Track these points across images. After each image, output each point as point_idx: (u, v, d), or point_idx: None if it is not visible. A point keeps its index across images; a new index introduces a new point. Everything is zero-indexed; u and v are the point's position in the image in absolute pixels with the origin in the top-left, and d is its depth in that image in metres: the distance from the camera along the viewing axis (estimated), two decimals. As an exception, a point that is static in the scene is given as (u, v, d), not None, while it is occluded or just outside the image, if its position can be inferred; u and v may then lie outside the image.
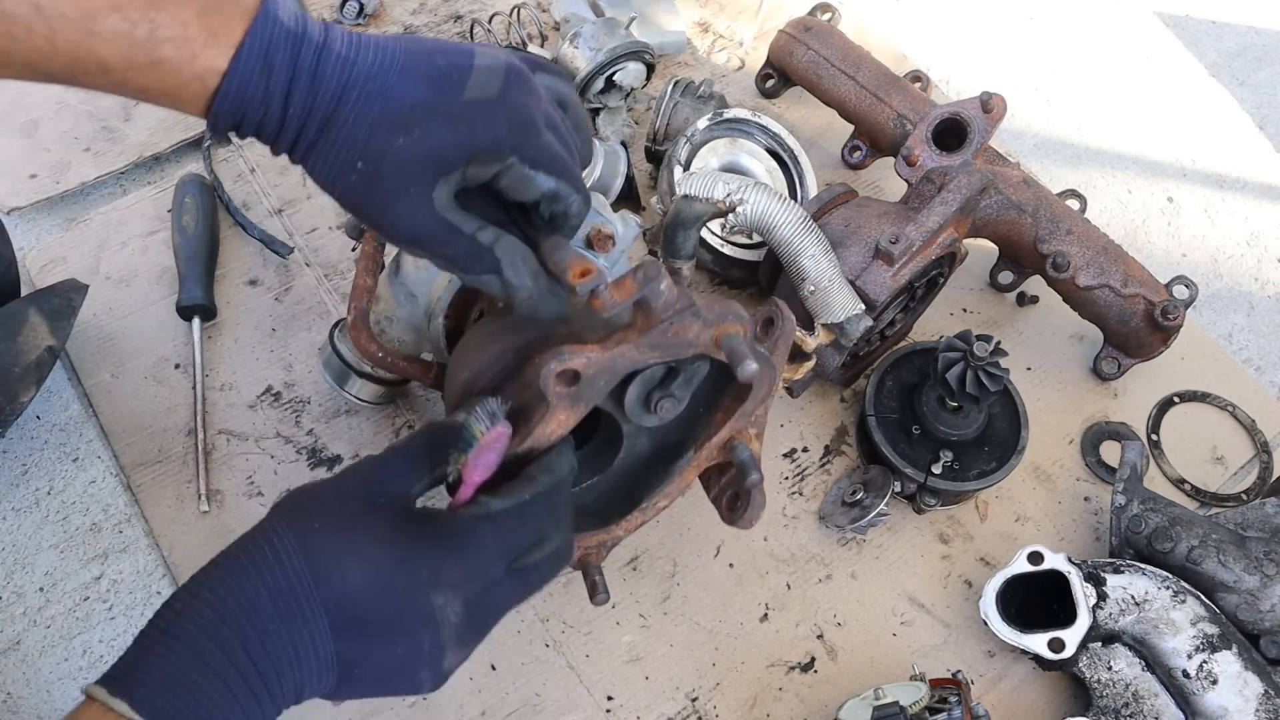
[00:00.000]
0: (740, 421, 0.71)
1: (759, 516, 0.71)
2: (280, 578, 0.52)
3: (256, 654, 0.51)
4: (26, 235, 1.04)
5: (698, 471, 0.73)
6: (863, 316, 0.88)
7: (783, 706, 0.85)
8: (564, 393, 0.63)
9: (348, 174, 0.57)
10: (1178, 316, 0.95)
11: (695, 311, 0.64)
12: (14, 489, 0.90)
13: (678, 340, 0.64)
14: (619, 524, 0.73)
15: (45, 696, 0.81)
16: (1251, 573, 0.84)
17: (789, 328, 0.71)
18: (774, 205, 0.85)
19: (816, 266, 0.86)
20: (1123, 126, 1.31)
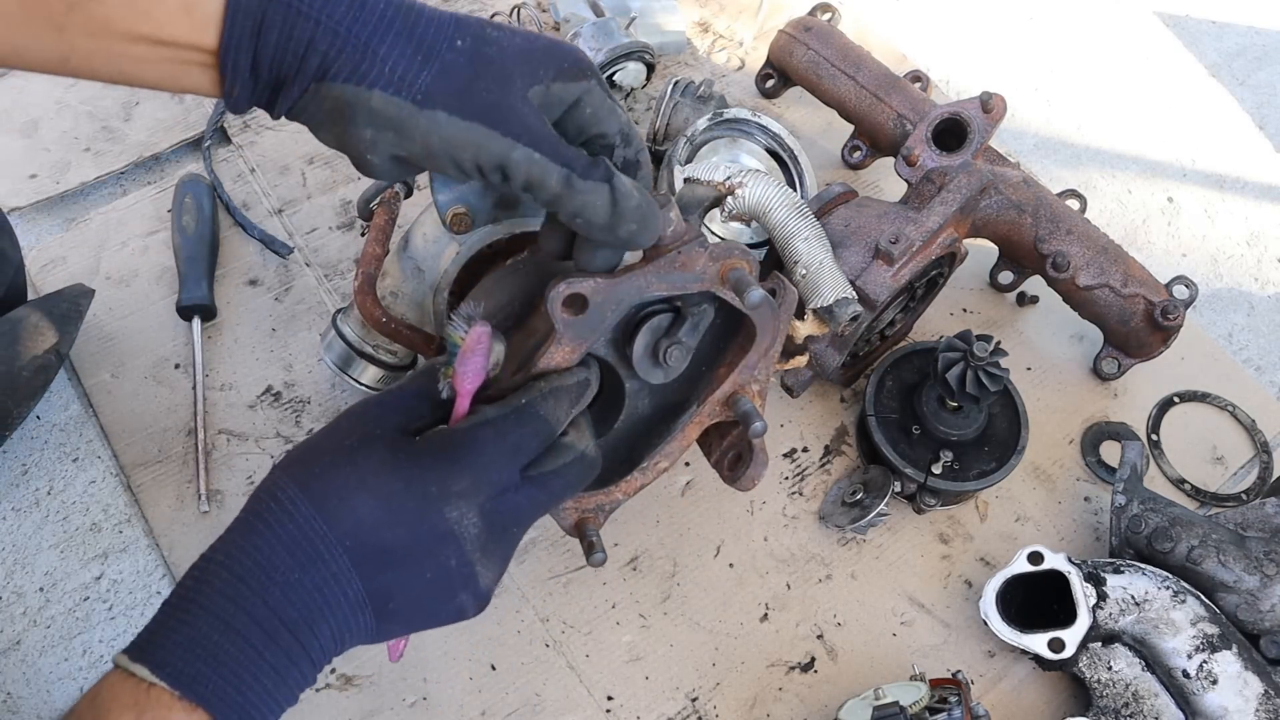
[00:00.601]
0: (743, 375, 0.71)
1: (761, 475, 0.71)
2: (291, 527, 0.52)
3: (280, 607, 0.50)
4: (26, 235, 1.04)
5: (699, 429, 0.73)
6: (852, 301, 0.87)
7: (783, 706, 0.85)
8: (570, 320, 0.62)
9: (443, 52, 0.53)
10: (1178, 316, 0.95)
11: (703, 243, 0.64)
12: (14, 489, 0.90)
13: (685, 272, 0.64)
14: (618, 485, 0.72)
15: (45, 696, 0.81)
16: (1251, 573, 0.84)
17: (791, 296, 0.71)
18: (771, 189, 0.86)
19: (809, 250, 0.86)
20: (1123, 126, 1.31)
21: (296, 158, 1.10)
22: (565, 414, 0.60)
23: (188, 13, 0.53)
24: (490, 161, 0.55)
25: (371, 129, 0.55)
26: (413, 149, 0.56)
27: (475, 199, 0.74)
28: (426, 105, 0.54)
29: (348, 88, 0.54)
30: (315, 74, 0.54)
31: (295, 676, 0.51)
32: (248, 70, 0.55)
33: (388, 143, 0.55)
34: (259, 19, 0.53)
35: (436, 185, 0.74)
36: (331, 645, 0.53)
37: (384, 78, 0.53)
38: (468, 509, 0.55)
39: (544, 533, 0.91)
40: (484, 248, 0.79)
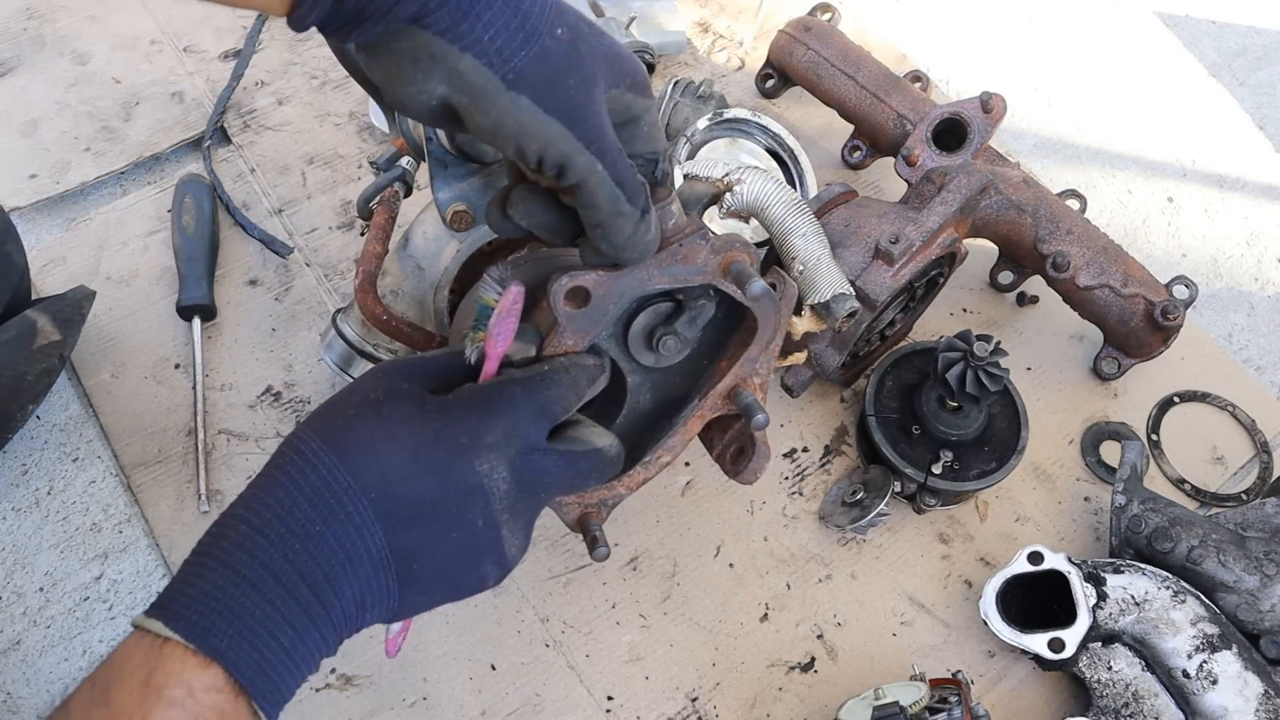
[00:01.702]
0: (745, 368, 0.71)
1: (764, 468, 0.71)
2: (314, 478, 0.50)
3: (301, 561, 0.48)
4: (26, 235, 1.04)
5: (702, 423, 0.73)
6: (849, 296, 0.87)
7: (783, 706, 0.85)
8: (572, 313, 0.63)
9: (544, 37, 0.52)
10: (1178, 316, 0.95)
11: (705, 235, 0.64)
12: (14, 489, 0.90)
13: (686, 265, 0.64)
14: (621, 480, 0.72)
15: (45, 696, 0.81)
16: (1251, 573, 0.84)
17: (791, 290, 0.71)
18: (768, 186, 0.86)
19: (806, 245, 0.87)
20: (1123, 126, 1.31)
21: (296, 158, 1.10)
22: (584, 389, 0.60)
23: None
24: (554, 158, 0.54)
25: (446, 87, 0.52)
26: (483, 122, 0.53)
27: (476, 196, 0.74)
28: (515, 86, 0.52)
29: (439, 41, 0.51)
30: (409, 17, 0.50)
31: (315, 639, 0.49)
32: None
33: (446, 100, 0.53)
34: None
35: (437, 184, 0.74)
36: (354, 610, 0.50)
37: (480, 45, 0.51)
38: (498, 462, 0.53)
39: (544, 533, 0.91)
40: (484, 245, 0.79)
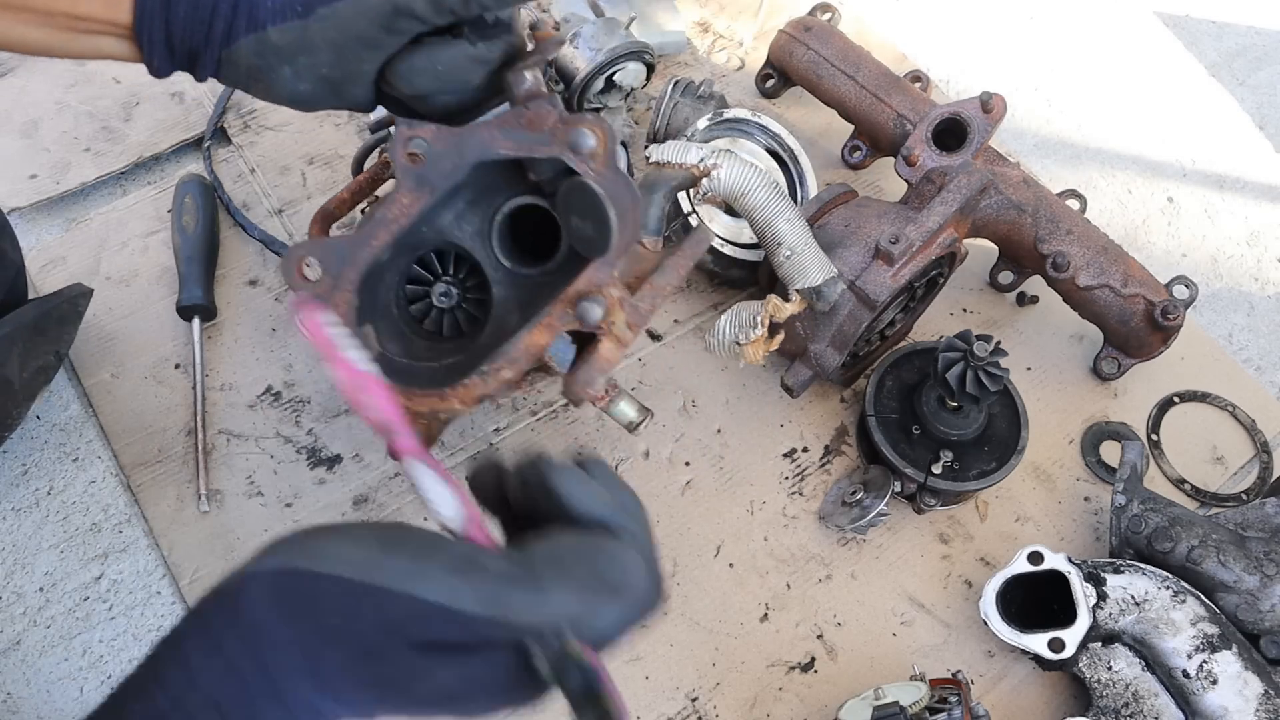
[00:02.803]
0: (599, 273, 0.65)
1: (595, 381, 0.64)
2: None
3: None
4: (26, 235, 1.04)
5: (548, 333, 0.66)
6: (838, 280, 0.86)
7: (783, 706, 0.85)
8: (409, 167, 0.63)
9: None
10: (1178, 316, 0.95)
11: (553, 102, 0.63)
12: (14, 489, 0.90)
13: (533, 131, 0.63)
14: (454, 391, 0.66)
15: (45, 696, 0.81)
16: (1251, 573, 0.84)
17: (702, 234, 0.70)
18: (747, 171, 0.83)
19: (792, 230, 0.85)
20: (1123, 126, 1.31)
21: (296, 158, 1.10)
22: None
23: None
24: (384, 13, 0.59)
25: (286, 65, 0.60)
26: (326, 58, 0.60)
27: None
28: (309, 13, 0.58)
29: (250, 40, 0.59)
30: (223, 39, 0.59)
31: None
32: (163, 43, 0.60)
33: (306, 68, 0.60)
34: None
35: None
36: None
37: (270, 13, 0.58)
38: None
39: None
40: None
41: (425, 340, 0.77)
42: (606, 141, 0.63)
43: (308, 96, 0.63)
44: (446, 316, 0.77)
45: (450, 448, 0.94)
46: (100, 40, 0.60)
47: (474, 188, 0.71)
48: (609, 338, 0.65)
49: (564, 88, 1.10)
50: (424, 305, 0.76)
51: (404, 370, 0.73)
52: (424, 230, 0.72)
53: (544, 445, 0.95)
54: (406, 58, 0.63)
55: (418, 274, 0.76)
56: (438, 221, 0.72)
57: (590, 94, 1.10)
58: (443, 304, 0.76)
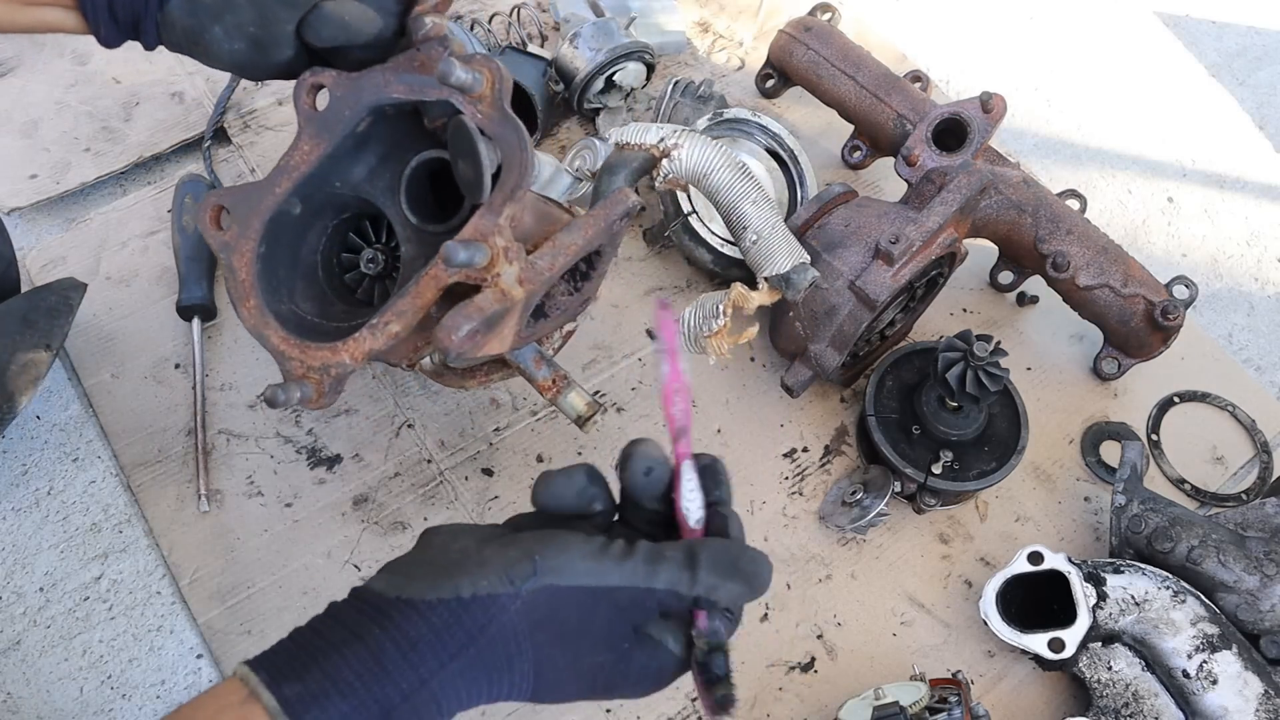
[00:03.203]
0: (485, 221, 0.63)
1: (459, 327, 0.60)
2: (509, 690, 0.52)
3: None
4: (26, 235, 1.04)
5: (435, 285, 0.64)
6: (808, 267, 0.82)
7: (783, 706, 0.85)
8: (311, 113, 0.64)
9: None
10: (1178, 316, 0.95)
11: (445, 44, 0.63)
12: (14, 489, 0.90)
13: (424, 74, 0.63)
14: (345, 344, 0.65)
15: (45, 696, 0.81)
16: (1251, 573, 0.84)
17: (628, 200, 0.69)
18: (710, 151, 0.79)
19: (758, 212, 0.81)
20: (1123, 126, 1.31)
21: (296, 158, 1.10)
22: None
23: None
24: None
25: (216, 24, 0.63)
26: (248, 16, 0.64)
27: None
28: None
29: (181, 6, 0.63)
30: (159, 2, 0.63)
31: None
32: (106, 11, 0.62)
33: (233, 27, 0.64)
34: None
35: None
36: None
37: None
38: None
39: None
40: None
41: (345, 305, 0.77)
42: (494, 81, 0.62)
43: (243, 58, 0.66)
44: (377, 285, 0.77)
45: (450, 447, 0.94)
46: (46, 11, 0.62)
47: (383, 142, 0.72)
48: (492, 289, 0.62)
49: (564, 88, 1.10)
50: (358, 274, 0.77)
51: (311, 328, 0.73)
52: (337, 185, 0.72)
53: (544, 445, 0.95)
54: (317, 10, 0.66)
55: (354, 242, 0.76)
56: (350, 176, 0.73)
57: (590, 94, 1.10)
58: (370, 270, 0.76)
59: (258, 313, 0.69)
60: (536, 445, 0.95)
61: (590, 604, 0.52)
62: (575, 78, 1.08)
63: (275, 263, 0.72)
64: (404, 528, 0.90)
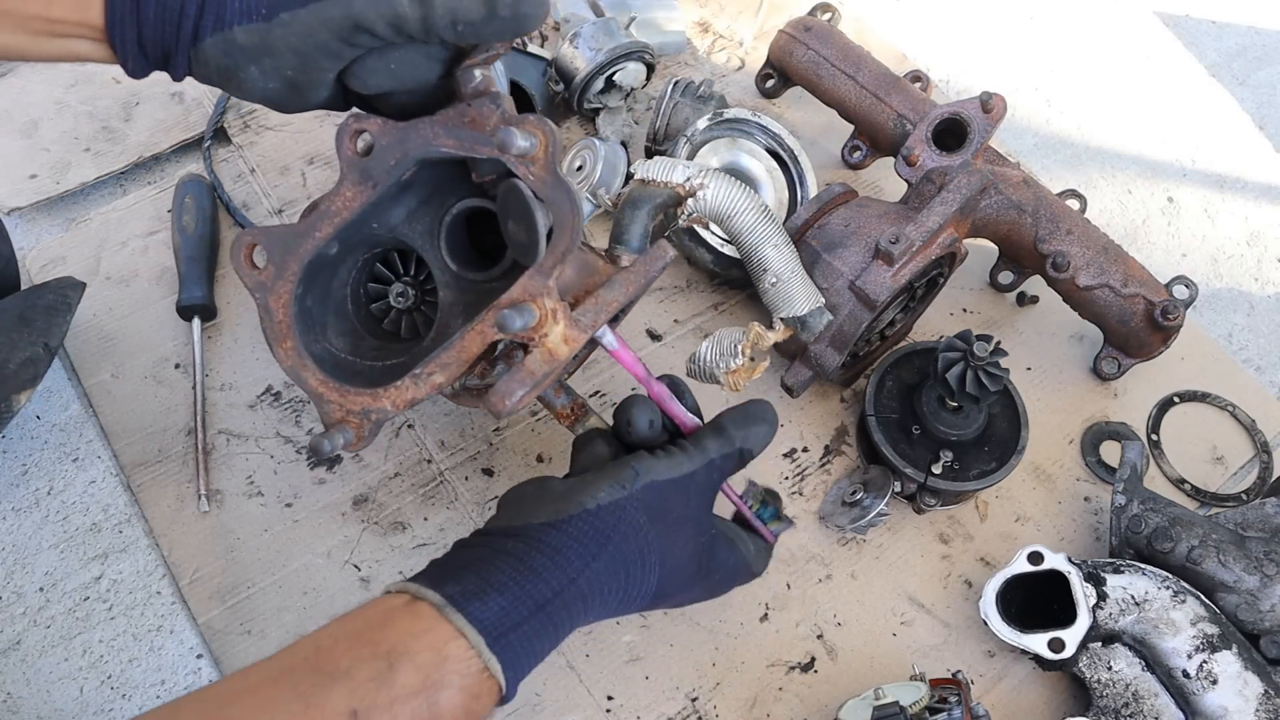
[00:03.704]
0: (535, 283, 0.63)
1: (514, 393, 0.63)
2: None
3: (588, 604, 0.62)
4: (26, 235, 1.04)
5: (480, 340, 0.65)
6: (824, 310, 0.85)
7: (783, 706, 0.85)
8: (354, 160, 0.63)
9: None
10: (1178, 316, 0.95)
11: (497, 100, 0.62)
12: (14, 489, 0.90)
13: (475, 130, 0.62)
14: (386, 391, 0.67)
15: (45, 696, 0.81)
16: (1251, 573, 0.84)
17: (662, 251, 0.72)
18: (735, 192, 0.81)
19: (780, 256, 0.83)
20: (1123, 126, 1.31)
21: (296, 158, 1.10)
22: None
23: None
24: (344, 27, 0.59)
25: (253, 65, 0.61)
26: (289, 61, 0.61)
27: None
28: (272, 16, 0.59)
29: (217, 39, 0.60)
30: (191, 38, 0.60)
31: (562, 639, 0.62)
32: (135, 44, 0.60)
33: (271, 69, 0.61)
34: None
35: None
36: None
37: (236, 14, 0.59)
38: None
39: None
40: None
41: (376, 339, 0.76)
42: (547, 144, 0.62)
43: (277, 96, 0.64)
44: (405, 318, 0.76)
45: (450, 447, 0.94)
46: (74, 43, 0.61)
47: (425, 186, 0.71)
48: (540, 349, 0.64)
49: (564, 88, 1.10)
50: (384, 304, 0.76)
51: (345, 366, 0.72)
52: (374, 226, 0.72)
53: (544, 446, 0.95)
54: (360, 61, 0.64)
55: (381, 273, 0.76)
56: (388, 219, 0.72)
57: (590, 94, 1.10)
58: (399, 304, 0.76)
59: (295, 354, 0.69)
60: (536, 445, 0.95)
61: (682, 490, 0.66)
62: (575, 78, 1.08)
63: (309, 301, 0.71)
64: (404, 528, 0.90)
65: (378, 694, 0.51)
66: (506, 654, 0.55)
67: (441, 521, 0.91)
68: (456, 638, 0.54)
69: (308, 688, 0.51)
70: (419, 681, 0.52)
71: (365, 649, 0.53)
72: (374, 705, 0.51)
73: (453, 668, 0.53)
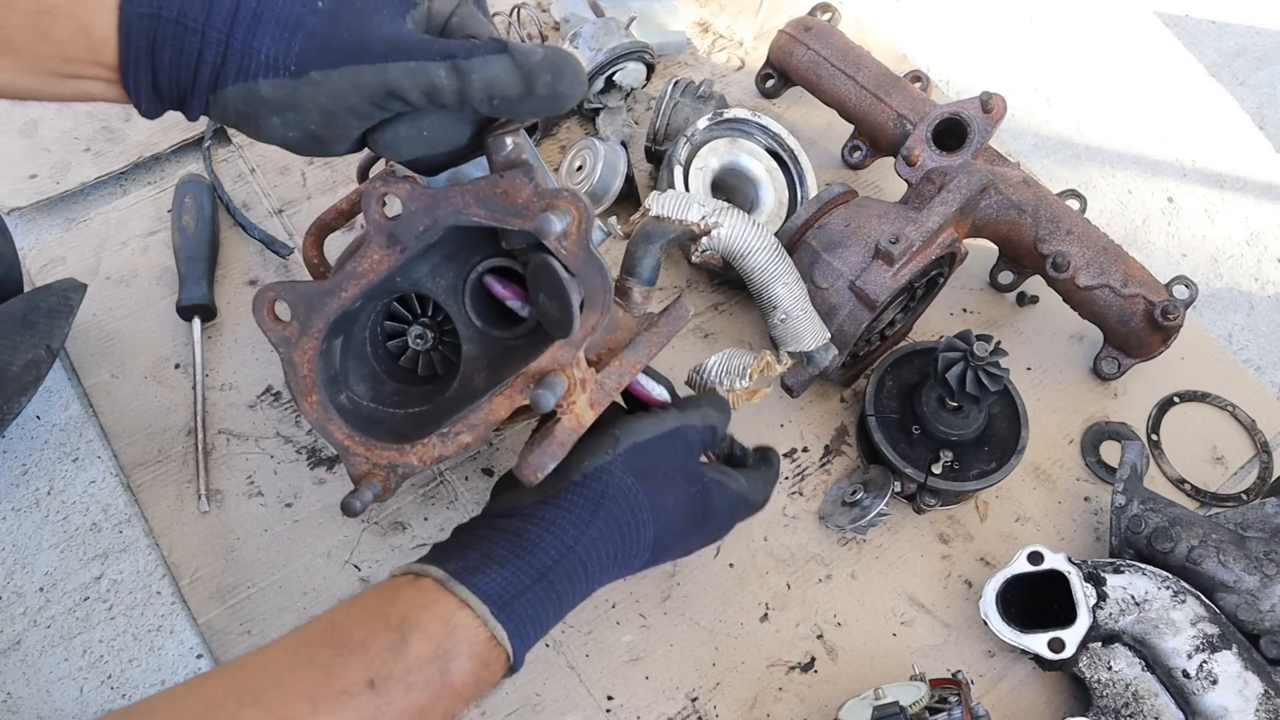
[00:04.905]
0: (564, 353, 0.65)
1: (545, 464, 0.65)
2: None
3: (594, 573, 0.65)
4: (26, 235, 1.04)
5: (509, 404, 0.66)
6: (830, 346, 0.88)
7: (783, 706, 0.85)
8: (382, 223, 0.63)
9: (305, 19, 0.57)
10: (1178, 316, 0.95)
11: (529, 173, 0.62)
12: (14, 489, 0.90)
13: (508, 202, 0.62)
14: (413, 447, 0.68)
15: (45, 696, 0.81)
16: (1251, 573, 0.84)
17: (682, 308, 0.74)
18: (749, 231, 0.83)
19: (790, 294, 0.86)
20: (1123, 126, 1.31)
21: (296, 158, 1.10)
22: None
23: (85, 34, 0.56)
24: (376, 93, 0.58)
25: (276, 115, 0.59)
26: (314, 118, 0.59)
27: None
28: (301, 74, 0.57)
29: (239, 88, 0.58)
30: (210, 84, 0.58)
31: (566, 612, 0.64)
32: (149, 86, 0.59)
33: (295, 122, 0.59)
34: (152, 37, 0.57)
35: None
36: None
37: (263, 66, 0.57)
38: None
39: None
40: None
41: (396, 382, 0.76)
42: (581, 221, 0.62)
43: (296, 144, 0.63)
44: (422, 357, 0.76)
45: (450, 448, 0.94)
46: (87, 84, 0.60)
47: (449, 244, 0.71)
48: (568, 416, 0.66)
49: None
50: (401, 343, 0.77)
51: (368, 416, 0.72)
52: (398, 280, 0.72)
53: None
54: (391, 127, 0.62)
55: (396, 311, 0.76)
56: (412, 274, 0.72)
57: (590, 94, 1.10)
58: (418, 346, 0.76)
59: (320, 408, 0.70)
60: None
61: (666, 446, 0.68)
62: (575, 78, 1.08)
63: (332, 353, 0.72)
64: (404, 528, 0.90)
65: (393, 664, 0.53)
66: (512, 621, 0.58)
67: (441, 522, 0.91)
68: (462, 608, 0.56)
69: (326, 658, 0.53)
70: (431, 651, 0.54)
71: (378, 622, 0.55)
72: (390, 674, 0.53)
73: (462, 635, 0.56)
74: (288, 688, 0.52)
